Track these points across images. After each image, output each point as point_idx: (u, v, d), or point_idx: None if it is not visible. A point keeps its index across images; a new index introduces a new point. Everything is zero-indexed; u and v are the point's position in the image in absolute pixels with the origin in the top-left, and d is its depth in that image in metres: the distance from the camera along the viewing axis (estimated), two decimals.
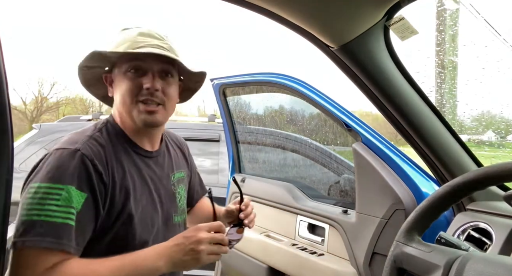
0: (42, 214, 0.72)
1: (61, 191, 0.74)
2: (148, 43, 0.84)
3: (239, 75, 1.71)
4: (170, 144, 1.04)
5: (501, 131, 1.86)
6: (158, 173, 0.93)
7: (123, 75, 0.86)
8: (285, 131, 1.81)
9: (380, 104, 1.01)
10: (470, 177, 0.66)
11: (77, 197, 0.75)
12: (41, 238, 0.71)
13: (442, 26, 1.45)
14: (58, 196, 0.74)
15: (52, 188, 0.74)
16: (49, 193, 0.74)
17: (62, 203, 0.73)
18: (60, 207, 0.73)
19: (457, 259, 0.62)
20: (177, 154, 1.05)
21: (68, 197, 0.74)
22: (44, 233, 0.71)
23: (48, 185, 0.74)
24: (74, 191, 0.75)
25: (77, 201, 0.75)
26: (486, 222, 0.96)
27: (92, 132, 0.85)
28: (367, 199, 1.22)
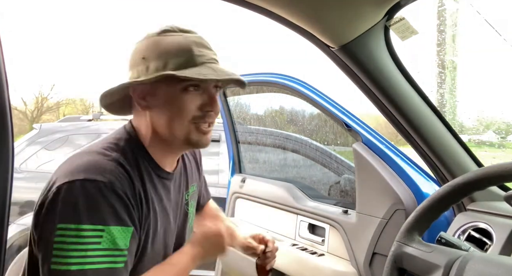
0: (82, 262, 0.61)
1: (101, 233, 0.63)
2: (207, 57, 0.74)
3: (239, 75, 1.71)
4: (186, 156, 0.95)
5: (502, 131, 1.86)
6: (175, 195, 0.85)
7: (179, 92, 0.73)
8: (285, 131, 1.81)
9: (381, 105, 1.01)
10: (470, 177, 0.66)
11: (122, 234, 0.66)
12: None
13: (442, 26, 1.45)
14: (99, 238, 0.63)
15: (88, 230, 0.63)
16: (84, 237, 0.62)
17: (105, 246, 0.64)
18: (103, 251, 0.63)
19: (457, 259, 0.62)
20: (192, 166, 0.97)
21: (111, 238, 0.64)
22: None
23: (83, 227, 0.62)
24: (118, 229, 0.66)
25: (124, 238, 0.66)
26: (487, 222, 0.96)
27: (117, 156, 0.72)
28: (368, 199, 1.21)
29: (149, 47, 0.74)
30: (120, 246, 0.65)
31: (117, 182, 0.67)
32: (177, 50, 0.72)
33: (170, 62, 0.71)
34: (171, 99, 0.74)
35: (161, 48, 0.72)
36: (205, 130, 0.77)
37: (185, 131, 0.75)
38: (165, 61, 0.71)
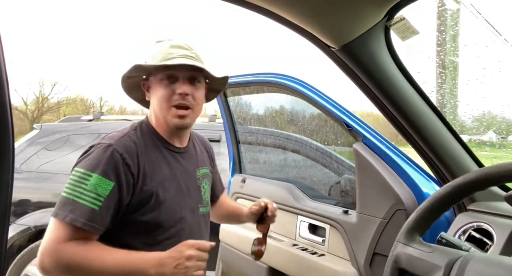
0: (73, 193, 0.88)
1: (89, 178, 0.89)
2: (178, 54, 0.98)
3: (239, 76, 1.71)
4: (196, 143, 1.18)
5: (502, 131, 1.86)
6: (186, 167, 1.06)
7: (158, 83, 0.99)
8: (285, 131, 1.81)
9: (381, 105, 1.01)
10: (471, 177, 0.66)
11: (104, 184, 0.89)
12: (67, 214, 0.86)
13: (443, 26, 1.45)
14: (87, 181, 0.89)
15: (84, 174, 0.90)
16: (81, 178, 0.89)
17: (89, 188, 0.88)
18: (87, 191, 0.88)
19: (458, 259, 0.62)
20: (203, 153, 1.18)
21: (94, 184, 0.88)
22: (71, 210, 0.87)
23: (83, 170, 0.90)
24: (101, 179, 0.89)
25: (104, 188, 0.89)
26: (487, 222, 0.96)
27: (128, 131, 1.00)
28: (368, 199, 1.21)
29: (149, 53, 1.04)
30: (99, 192, 0.88)
31: (118, 146, 0.93)
32: (159, 52, 1.00)
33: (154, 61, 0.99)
34: (154, 89, 1.02)
35: (152, 54, 1.01)
36: (177, 113, 0.98)
37: (165, 116, 0.99)
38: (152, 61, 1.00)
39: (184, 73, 0.99)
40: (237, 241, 1.67)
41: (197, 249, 0.90)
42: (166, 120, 1.00)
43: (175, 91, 0.98)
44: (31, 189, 2.60)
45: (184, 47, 1.01)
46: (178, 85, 0.98)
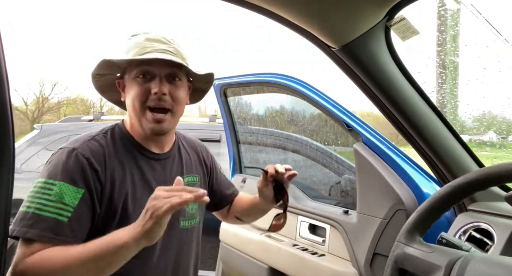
0: (33, 206, 0.76)
1: (53, 187, 0.77)
2: (154, 48, 0.86)
3: (240, 76, 1.71)
4: (183, 147, 1.03)
5: (503, 131, 1.85)
6: (164, 176, 0.92)
7: (132, 81, 0.88)
8: (285, 131, 1.81)
9: (381, 105, 1.01)
10: (471, 177, 0.66)
11: (71, 193, 0.78)
12: (27, 229, 0.75)
13: (443, 26, 1.44)
14: (50, 191, 0.77)
15: (46, 183, 0.78)
16: (43, 188, 0.78)
17: (53, 199, 0.76)
18: (51, 202, 0.76)
19: (458, 259, 0.62)
20: (191, 159, 1.03)
21: (59, 193, 0.77)
22: (31, 225, 0.75)
23: (44, 180, 0.79)
24: (68, 187, 0.78)
25: (72, 197, 0.78)
26: (488, 222, 0.95)
27: (96, 134, 0.88)
28: (368, 199, 1.21)
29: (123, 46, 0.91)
30: (66, 201, 0.77)
31: (83, 150, 0.82)
32: (133, 45, 0.88)
33: (128, 55, 0.88)
34: (128, 88, 0.90)
35: (126, 47, 0.90)
36: (154, 118, 0.87)
37: (139, 119, 0.88)
38: (126, 55, 0.89)
39: (162, 70, 0.86)
40: (238, 241, 1.67)
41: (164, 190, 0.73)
42: (141, 124, 0.87)
43: (151, 90, 0.85)
44: None
45: (162, 41, 0.88)
46: (154, 83, 0.85)
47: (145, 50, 0.86)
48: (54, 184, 0.77)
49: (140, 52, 0.86)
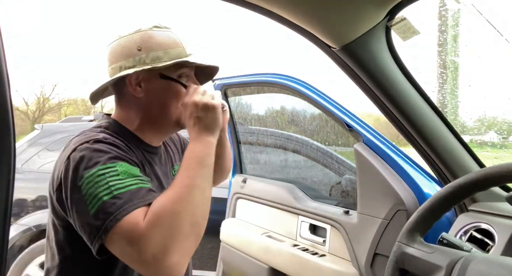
0: (110, 191, 0.65)
1: (114, 168, 0.67)
2: (191, 49, 0.86)
3: (240, 76, 1.71)
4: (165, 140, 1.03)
5: (504, 131, 1.85)
6: (162, 168, 0.93)
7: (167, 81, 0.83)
8: (286, 131, 1.81)
9: (382, 105, 1.01)
10: (472, 178, 0.66)
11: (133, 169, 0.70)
12: (123, 208, 0.63)
13: (444, 26, 1.44)
14: (115, 172, 0.67)
15: (103, 169, 0.67)
16: (103, 174, 0.66)
17: (123, 176, 0.67)
18: (125, 179, 0.67)
19: (459, 260, 0.62)
20: (171, 148, 1.04)
21: (126, 170, 0.68)
22: (124, 203, 0.64)
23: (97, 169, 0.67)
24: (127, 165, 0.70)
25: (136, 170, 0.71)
26: (488, 223, 0.95)
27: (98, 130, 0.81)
28: (369, 199, 1.21)
29: (144, 39, 0.81)
30: (137, 174, 0.70)
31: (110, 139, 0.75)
32: (172, 43, 0.82)
33: (168, 52, 0.81)
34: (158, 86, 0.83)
35: (157, 41, 0.81)
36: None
37: (177, 114, 0.84)
38: (164, 52, 0.80)
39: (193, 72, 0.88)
40: (238, 242, 1.67)
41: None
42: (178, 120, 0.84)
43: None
44: (32, 189, 2.61)
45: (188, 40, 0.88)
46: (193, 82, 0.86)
47: (188, 51, 0.83)
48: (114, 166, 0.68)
49: (184, 52, 0.82)
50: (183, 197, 0.66)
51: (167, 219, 0.62)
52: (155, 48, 0.80)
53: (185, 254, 0.64)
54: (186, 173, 0.70)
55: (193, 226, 0.65)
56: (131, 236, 0.62)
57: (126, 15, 26.78)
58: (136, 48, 0.80)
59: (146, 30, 0.82)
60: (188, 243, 0.64)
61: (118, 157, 0.70)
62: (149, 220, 0.62)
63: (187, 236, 0.64)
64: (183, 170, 0.71)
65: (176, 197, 0.65)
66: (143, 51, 0.80)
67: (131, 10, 29.11)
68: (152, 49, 0.80)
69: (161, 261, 0.61)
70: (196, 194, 0.67)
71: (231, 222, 1.78)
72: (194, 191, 0.67)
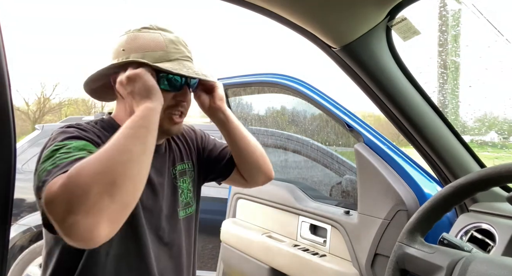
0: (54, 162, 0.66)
1: (69, 144, 0.70)
2: (180, 55, 0.81)
3: (240, 76, 1.71)
4: (172, 138, 1.00)
5: (504, 131, 1.85)
6: (159, 167, 0.90)
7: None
8: (286, 131, 1.81)
9: (382, 105, 1.01)
10: (473, 178, 0.65)
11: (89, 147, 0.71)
12: (52, 173, 0.64)
13: (444, 27, 1.44)
14: (67, 147, 0.69)
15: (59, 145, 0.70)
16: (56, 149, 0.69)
17: (73, 151, 0.68)
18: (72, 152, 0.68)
19: (460, 260, 0.62)
20: (179, 146, 1.00)
21: (77, 145, 0.70)
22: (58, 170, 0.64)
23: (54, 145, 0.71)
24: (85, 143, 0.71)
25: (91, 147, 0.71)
26: (489, 223, 0.95)
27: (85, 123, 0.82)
28: (369, 200, 1.21)
29: (129, 41, 0.81)
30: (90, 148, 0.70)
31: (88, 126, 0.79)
32: (154, 45, 0.80)
33: (147, 55, 0.79)
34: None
35: (140, 42, 0.80)
36: (176, 120, 0.84)
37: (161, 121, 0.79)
38: (143, 54, 0.79)
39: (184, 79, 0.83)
40: (238, 242, 1.67)
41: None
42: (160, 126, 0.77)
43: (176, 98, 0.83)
44: (32, 190, 2.60)
45: (182, 43, 0.83)
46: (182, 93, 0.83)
47: (172, 56, 0.80)
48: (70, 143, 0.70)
49: (166, 56, 0.79)
50: (100, 157, 0.62)
51: (75, 178, 0.59)
52: (136, 50, 0.79)
53: (95, 215, 0.57)
54: (114, 137, 0.65)
55: (107, 186, 0.59)
56: (47, 199, 0.60)
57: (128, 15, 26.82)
58: (121, 49, 0.81)
59: (133, 31, 0.82)
60: (100, 203, 0.57)
61: (77, 137, 0.73)
62: (60, 182, 0.59)
63: (96, 196, 0.57)
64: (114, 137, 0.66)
65: (93, 157, 0.62)
66: (126, 52, 0.80)
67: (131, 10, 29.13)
68: (133, 50, 0.80)
69: (64, 222, 0.57)
70: (115, 154, 0.62)
71: (232, 222, 1.78)
72: (114, 151, 0.63)
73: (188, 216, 0.96)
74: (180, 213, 0.94)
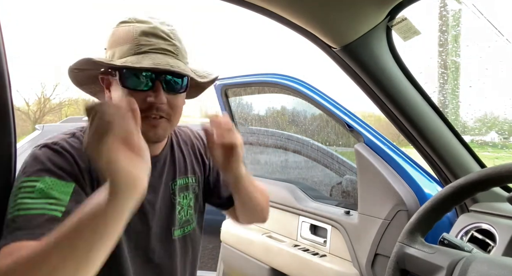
0: (13, 210, 0.61)
1: (35, 183, 0.63)
2: (152, 47, 0.70)
3: (241, 76, 1.71)
4: (177, 145, 0.89)
5: (505, 132, 1.85)
6: (154, 182, 0.79)
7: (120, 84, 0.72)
8: (287, 132, 1.81)
9: (383, 105, 1.01)
10: (473, 178, 0.65)
11: (59, 187, 0.64)
12: (5, 236, 0.59)
13: (444, 27, 1.44)
14: (32, 188, 0.63)
15: (25, 181, 0.64)
16: (22, 187, 0.63)
17: (36, 195, 0.62)
18: (35, 199, 0.62)
19: (460, 260, 0.62)
20: (185, 157, 0.89)
21: (45, 188, 0.63)
22: (11, 230, 0.59)
23: (22, 179, 0.64)
24: (55, 181, 0.64)
25: (62, 192, 0.64)
26: (490, 223, 0.95)
27: (76, 131, 0.75)
28: (370, 200, 1.21)
29: (108, 37, 0.75)
30: (55, 196, 0.63)
31: (66, 145, 0.69)
32: (123, 39, 0.71)
33: (116, 51, 0.71)
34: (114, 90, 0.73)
35: (113, 38, 0.73)
36: (152, 123, 0.71)
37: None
38: (113, 50, 0.72)
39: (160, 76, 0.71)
40: (238, 242, 1.67)
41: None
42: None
43: (146, 99, 0.70)
44: None
45: (160, 35, 0.71)
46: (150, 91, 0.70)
47: (140, 49, 0.69)
48: (36, 180, 0.63)
49: (134, 50, 0.69)
50: (36, 258, 0.50)
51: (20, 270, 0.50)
52: (110, 46, 0.73)
53: None
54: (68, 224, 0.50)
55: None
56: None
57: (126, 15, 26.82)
58: (104, 47, 0.75)
59: (114, 27, 0.74)
60: None
61: (48, 170, 0.65)
62: (7, 262, 0.52)
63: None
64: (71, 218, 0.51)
65: (41, 250, 0.50)
66: (107, 50, 0.74)
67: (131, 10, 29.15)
68: (109, 47, 0.73)
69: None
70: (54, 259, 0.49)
71: (232, 222, 1.78)
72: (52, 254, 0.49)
73: (186, 234, 0.87)
74: (175, 233, 0.84)
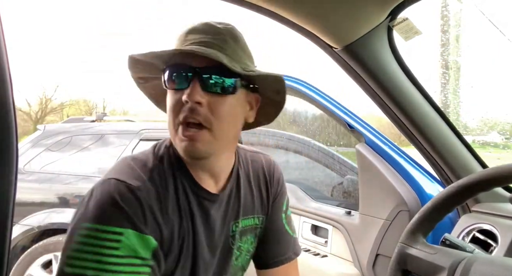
0: (96, 271, 0.53)
1: (119, 236, 0.54)
2: (194, 40, 0.61)
3: None
4: (245, 181, 0.75)
5: (506, 132, 1.85)
6: (216, 223, 0.68)
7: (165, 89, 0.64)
8: (288, 132, 1.81)
9: (384, 105, 1.01)
10: (474, 178, 0.65)
11: (142, 241, 0.56)
12: None
13: (446, 27, 1.44)
14: (116, 243, 0.54)
15: (105, 232, 0.54)
16: (103, 240, 0.54)
17: (122, 253, 0.54)
18: (121, 259, 0.54)
19: (462, 261, 0.61)
20: (252, 196, 0.76)
21: (130, 244, 0.55)
22: None
23: (98, 226, 0.54)
24: (137, 235, 0.56)
25: (145, 247, 0.56)
26: (491, 223, 0.95)
27: (154, 164, 0.64)
28: (371, 200, 1.21)
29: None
30: (141, 254, 0.56)
31: (146, 191, 0.59)
32: (175, 40, 0.65)
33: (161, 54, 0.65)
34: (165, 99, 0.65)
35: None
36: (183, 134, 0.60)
37: (174, 139, 0.63)
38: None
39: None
40: None
41: None
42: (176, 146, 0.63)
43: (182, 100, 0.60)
44: (34, 190, 2.62)
45: (205, 31, 0.62)
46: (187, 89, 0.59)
47: (182, 45, 0.62)
48: (118, 232, 0.54)
49: (178, 47, 0.62)
50: None
51: None
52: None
53: None
54: None
55: None
56: None
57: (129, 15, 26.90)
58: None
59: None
60: None
61: (131, 222, 0.56)
62: None
63: None
64: None
65: None
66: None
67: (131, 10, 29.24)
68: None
69: None
70: None
71: None
72: None
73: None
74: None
